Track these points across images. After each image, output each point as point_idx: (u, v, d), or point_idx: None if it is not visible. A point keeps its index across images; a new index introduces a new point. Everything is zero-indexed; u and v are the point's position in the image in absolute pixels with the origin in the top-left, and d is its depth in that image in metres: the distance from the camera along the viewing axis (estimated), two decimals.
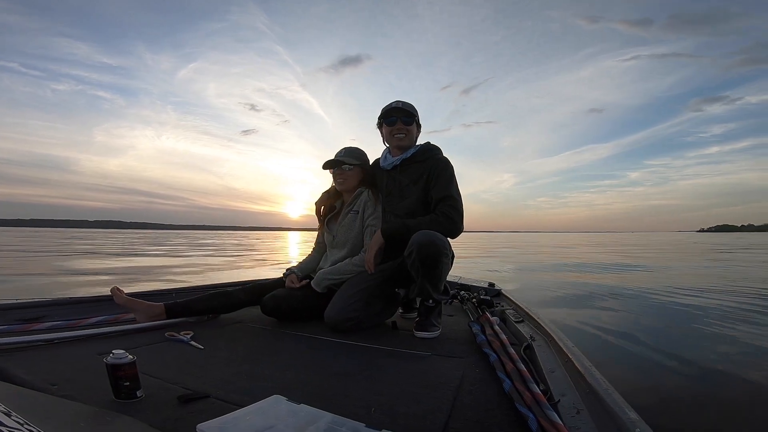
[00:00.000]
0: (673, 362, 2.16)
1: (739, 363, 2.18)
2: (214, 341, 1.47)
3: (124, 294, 1.69)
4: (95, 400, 0.91)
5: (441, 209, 1.71)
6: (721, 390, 1.81)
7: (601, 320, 3.25)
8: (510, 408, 0.91)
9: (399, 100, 1.84)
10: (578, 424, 0.82)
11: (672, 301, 4.17)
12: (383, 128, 1.89)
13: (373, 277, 1.74)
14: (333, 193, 2.02)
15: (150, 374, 1.07)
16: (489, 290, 2.42)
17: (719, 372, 2.04)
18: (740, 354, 2.35)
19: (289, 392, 0.93)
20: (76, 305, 1.86)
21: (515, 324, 1.66)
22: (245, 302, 1.89)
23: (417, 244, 1.55)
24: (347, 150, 1.93)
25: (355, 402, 0.95)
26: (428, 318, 1.65)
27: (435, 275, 1.61)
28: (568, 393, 0.96)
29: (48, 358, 1.23)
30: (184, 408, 0.90)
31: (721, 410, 1.61)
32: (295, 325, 1.77)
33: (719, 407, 1.64)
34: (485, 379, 1.12)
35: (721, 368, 2.09)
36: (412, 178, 1.83)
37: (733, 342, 2.59)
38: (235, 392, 0.99)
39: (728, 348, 2.46)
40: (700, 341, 2.62)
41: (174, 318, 1.71)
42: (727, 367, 2.11)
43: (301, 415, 0.80)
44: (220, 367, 1.19)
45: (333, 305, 1.68)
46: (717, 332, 2.82)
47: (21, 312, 1.69)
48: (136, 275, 6.79)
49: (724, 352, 2.36)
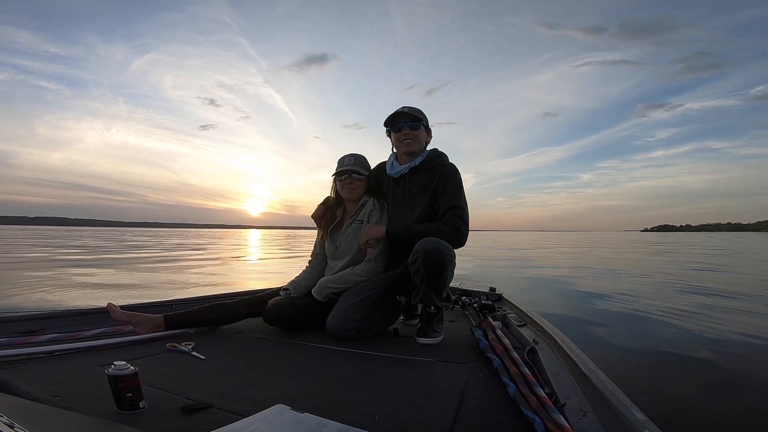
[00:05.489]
0: (678, 361, 2.15)
1: (747, 360, 2.18)
2: (215, 351, 1.46)
3: (119, 309, 1.67)
4: (98, 412, 0.90)
5: (448, 219, 1.71)
6: (729, 387, 1.81)
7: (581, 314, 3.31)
8: (515, 412, 0.91)
9: (405, 106, 1.83)
10: (586, 427, 0.81)
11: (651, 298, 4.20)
12: (392, 135, 1.89)
13: (374, 285, 1.73)
14: (333, 202, 1.98)
15: (152, 385, 1.06)
16: (490, 295, 2.42)
17: (727, 369, 2.03)
18: (748, 351, 2.34)
19: (293, 401, 0.93)
20: (75, 317, 1.85)
21: (517, 328, 1.65)
22: (245, 315, 1.87)
23: (422, 251, 1.55)
24: (356, 158, 1.90)
25: (359, 410, 0.95)
26: (430, 324, 1.65)
27: (439, 283, 1.61)
28: (573, 396, 0.96)
29: (49, 370, 1.22)
30: (187, 418, 0.89)
31: (730, 408, 1.60)
32: (297, 334, 1.75)
33: (728, 405, 1.63)
34: (489, 384, 1.11)
35: (728, 365, 2.08)
36: (420, 187, 1.82)
37: (739, 338, 2.59)
38: (238, 402, 0.98)
39: (734, 344, 2.45)
40: (702, 337, 2.62)
41: (174, 329, 1.70)
42: (735, 363, 2.10)
43: (305, 424, 0.79)
44: (223, 377, 1.18)
45: (334, 315, 1.67)
46: (718, 328, 2.82)
47: (20, 324, 1.67)
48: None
49: (729, 349, 2.36)
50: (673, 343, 2.55)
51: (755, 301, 4.20)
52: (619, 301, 4.16)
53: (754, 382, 1.85)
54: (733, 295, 4.46)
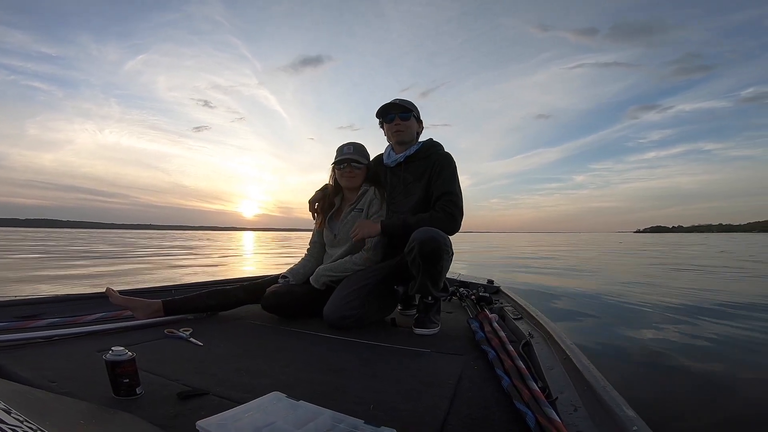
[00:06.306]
0: (670, 359, 2.17)
1: (738, 357, 2.20)
2: (213, 338, 1.47)
3: (118, 294, 1.68)
4: (95, 397, 0.91)
5: (441, 205, 1.72)
6: (719, 385, 1.83)
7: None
8: (508, 405, 0.92)
9: (396, 98, 1.85)
10: (576, 422, 0.82)
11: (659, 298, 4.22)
12: (384, 126, 1.91)
13: (372, 274, 1.74)
14: (331, 190, 1.98)
15: (149, 371, 1.07)
16: (488, 287, 2.43)
17: (718, 366, 2.06)
18: (738, 348, 2.37)
19: (289, 389, 0.93)
20: (74, 302, 1.86)
21: (514, 321, 1.66)
22: (244, 301, 1.89)
23: (418, 240, 1.55)
24: (355, 147, 1.90)
25: (354, 399, 0.96)
26: (427, 315, 1.66)
27: (435, 272, 1.61)
28: (566, 390, 0.97)
29: (47, 355, 1.23)
30: (183, 405, 0.90)
31: (719, 405, 1.62)
32: (294, 321, 1.77)
33: (717, 402, 1.65)
34: (484, 376, 1.12)
35: (720, 363, 2.11)
36: (416, 176, 1.84)
37: (730, 337, 2.61)
38: (235, 389, 0.99)
39: (726, 342, 2.48)
40: (697, 337, 2.64)
41: (172, 315, 1.71)
42: (726, 361, 2.13)
43: (300, 412, 0.80)
44: (220, 364, 1.19)
45: (331, 303, 1.68)
46: (714, 328, 2.84)
47: (19, 309, 1.68)
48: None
49: (721, 347, 2.38)
50: (659, 342, 2.57)
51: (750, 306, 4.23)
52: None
53: (744, 384, 1.87)
54: (725, 298, 4.48)
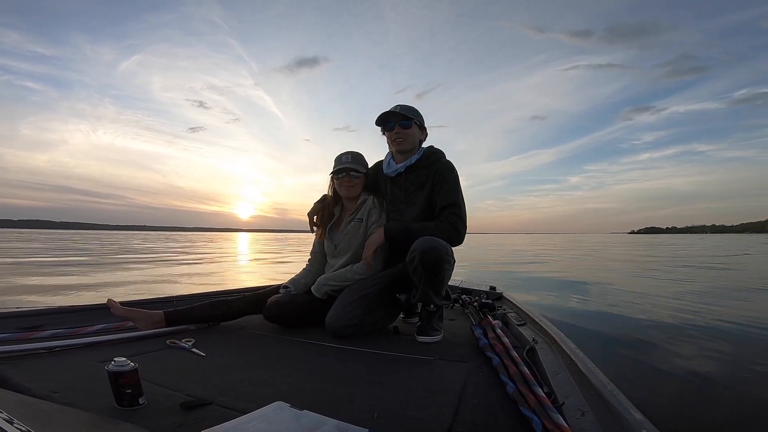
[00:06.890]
0: (677, 361, 2.15)
1: (748, 360, 2.18)
2: (216, 348, 1.46)
3: (119, 305, 1.68)
4: (97, 408, 0.91)
5: (445, 216, 1.71)
6: (728, 387, 1.80)
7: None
8: (514, 411, 0.91)
9: (398, 105, 1.83)
10: (584, 426, 0.81)
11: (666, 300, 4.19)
12: (385, 134, 1.89)
13: (374, 283, 1.73)
14: (330, 200, 1.97)
15: (152, 381, 1.06)
16: (490, 294, 2.42)
17: (727, 369, 2.03)
18: (749, 350, 2.34)
19: (292, 398, 0.93)
20: (76, 313, 1.86)
21: (517, 327, 1.65)
22: (245, 311, 1.88)
23: (420, 250, 1.55)
24: (353, 156, 1.89)
25: (358, 408, 0.95)
26: (430, 322, 1.65)
27: (437, 281, 1.61)
28: (572, 395, 0.96)
29: (49, 366, 1.22)
30: (186, 415, 0.89)
31: (728, 408, 1.60)
32: (297, 331, 1.76)
33: (725, 405, 1.63)
34: (489, 383, 1.11)
35: (729, 365, 2.08)
36: (417, 185, 1.82)
37: (736, 341, 2.58)
38: (238, 399, 0.99)
39: (732, 346, 2.45)
40: (701, 340, 2.62)
41: (174, 326, 1.71)
42: (734, 364, 2.10)
43: (304, 421, 0.79)
44: (223, 374, 1.19)
45: (333, 312, 1.67)
46: (718, 333, 2.81)
47: (21, 320, 1.68)
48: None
49: (729, 350, 2.35)
50: (660, 338, 2.55)
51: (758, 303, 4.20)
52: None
53: (756, 386, 1.84)
54: (732, 297, 4.45)
